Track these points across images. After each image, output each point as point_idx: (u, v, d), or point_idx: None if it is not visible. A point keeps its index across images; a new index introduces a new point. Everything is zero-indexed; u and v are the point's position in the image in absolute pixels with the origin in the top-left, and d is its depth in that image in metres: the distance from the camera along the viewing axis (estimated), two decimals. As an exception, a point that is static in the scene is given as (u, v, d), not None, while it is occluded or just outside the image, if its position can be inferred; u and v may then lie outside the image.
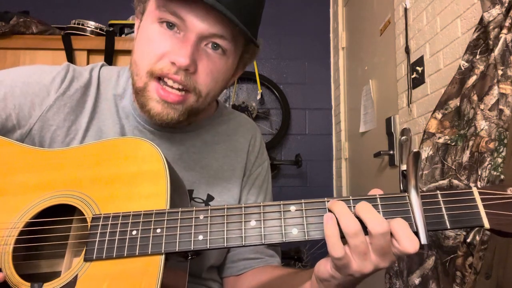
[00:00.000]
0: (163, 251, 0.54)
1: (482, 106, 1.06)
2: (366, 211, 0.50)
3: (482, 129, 1.04)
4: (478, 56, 1.13)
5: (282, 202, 0.55)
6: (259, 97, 2.93)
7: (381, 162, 2.10)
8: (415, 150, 0.49)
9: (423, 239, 0.49)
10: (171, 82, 0.65)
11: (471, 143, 1.08)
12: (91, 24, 1.77)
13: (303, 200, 0.54)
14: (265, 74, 3.01)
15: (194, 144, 0.80)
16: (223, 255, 0.81)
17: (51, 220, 0.60)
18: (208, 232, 0.54)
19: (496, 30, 1.07)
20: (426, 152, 1.24)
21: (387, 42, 2.03)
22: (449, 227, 0.50)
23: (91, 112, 0.75)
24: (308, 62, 3.06)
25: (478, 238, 0.98)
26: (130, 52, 0.72)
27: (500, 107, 1.03)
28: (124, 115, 0.77)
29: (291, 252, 2.57)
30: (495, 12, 1.07)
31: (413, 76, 1.70)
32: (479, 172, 1.02)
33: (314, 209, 0.53)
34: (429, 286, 1.17)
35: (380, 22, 2.14)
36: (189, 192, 0.76)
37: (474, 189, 0.51)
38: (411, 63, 1.73)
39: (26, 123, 0.71)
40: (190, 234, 0.54)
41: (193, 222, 0.55)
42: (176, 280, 0.60)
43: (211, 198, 0.78)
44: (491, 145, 1.02)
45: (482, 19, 1.11)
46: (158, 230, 0.55)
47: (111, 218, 0.57)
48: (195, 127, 0.81)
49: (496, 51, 1.05)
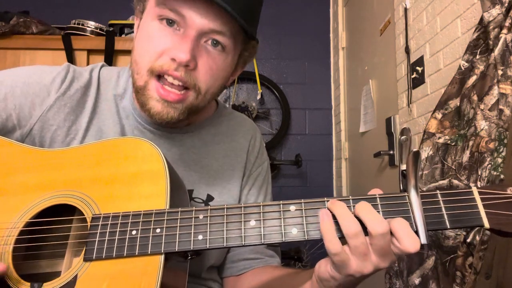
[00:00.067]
0: (162, 251, 0.54)
1: (482, 106, 1.06)
2: (366, 212, 0.50)
3: (482, 129, 1.04)
4: (478, 56, 1.13)
5: (281, 202, 0.55)
6: (259, 97, 2.93)
7: (381, 162, 2.10)
8: (415, 149, 0.49)
9: (423, 239, 0.49)
10: (171, 79, 0.65)
11: (471, 143, 1.08)
12: (91, 24, 1.77)
13: (302, 200, 0.54)
14: (265, 74, 3.01)
15: (194, 144, 0.80)
16: (223, 255, 0.81)
17: (51, 220, 0.60)
18: (208, 232, 0.54)
19: (496, 30, 1.07)
20: (426, 152, 1.24)
21: (387, 42, 2.03)
22: (449, 227, 0.50)
23: (91, 112, 0.75)
24: (308, 62, 3.06)
25: (478, 238, 0.98)
26: (130, 52, 0.72)
27: (500, 107, 1.03)
28: (125, 115, 0.77)
29: (291, 252, 2.57)
30: (495, 12, 1.07)
31: (413, 76, 1.70)
32: (479, 172, 1.02)
33: (313, 209, 0.53)
34: (429, 286, 1.17)
35: (380, 22, 2.14)
36: (189, 192, 0.76)
37: (474, 188, 0.51)
38: (411, 63, 1.73)
39: (27, 123, 0.71)
40: (189, 234, 0.54)
41: (192, 222, 0.55)
42: (176, 280, 0.60)
43: (211, 198, 0.78)
44: (491, 145, 1.01)
45: (482, 19, 1.11)
46: (158, 230, 0.55)
47: (110, 218, 0.57)
48: (195, 127, 0.81)
49: (496, 51, 1.05)
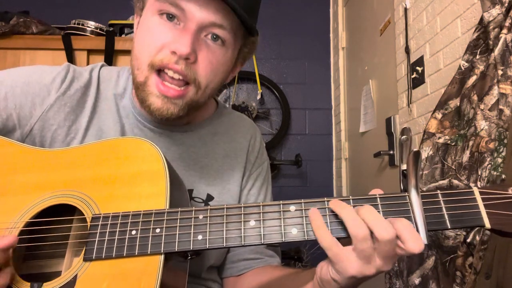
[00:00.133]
0: (162, 251, 0.53)
1: (482, 106, 1.06)
2: (373, 217, 0.49)
3: (482, 129, 1.04)
4: (478, 56, 1.13)
5: (281, 202, 0.55)
6: (259, 97, 2.93)
7: (381, 162, 2.10)
8: (415, 149, 0.49)
9: (423, 239, 0.48)
10: (171, 73, 0.65)
11: (471, 143, 1.08)
12: (91, 24, 1.77)
13: (302, 200, 0.54)
14: (265, 74, 3.01)
15: (194, 144, 0.80)
16: (223, 255, 0.81)
17: (51, 220, 0.60)
18: (208, 232, 0.54)
19: (496, 30, 1.07)
20: (426, 152, 1.24)
21: (387, 42, 2.03)
22: (449, 227, 0.50)
23: (91, 111, 0.75)
24: (308, 62, 3.05)
25: (478, 238, 0.98)
26: (130, 52, 0.72)
27: (500, 107, 1.03)
28: (125, 114, 0.77)
29: (291, 252, 2.57)
30: (495, 12, 1.07)
31: (413, 76, 1.70)
32: (479, 172, 1.02)
33: (314, 209, 0.53)
34: (429, 286, 1.17)
35: (380, 22, 2.14)
36: (189, 192, 0.76)
37: (475, 188, 0.51)
38: (411, 63, 1.73)
39: (27, 123, 0.71)
40: (189, 234, 0.54)
41: (192, 222, 0.55)
42: (176, 280, 0.60)
43: (211, 198, 0.78)
44: (491, 145, 1.01)
45: (482, 19, 1.11)
46: (158, 230, 0.55)
47: (110, 218, 0.57)
48: (195, 127, 0.81)
49: (496, 51, 1.05)
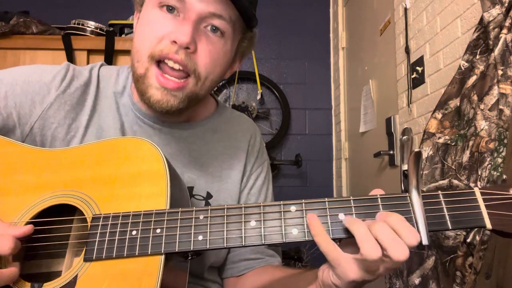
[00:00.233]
0: (162, 251, 0.53)
1: (482, 106, 1.06)
2: (387, 236, 0.47)
3: (482, 129, 1.04)
4: (478, 56, 1.13)
5: (282, 202, 0.55)
6: (259, 97, 2.93)
7: (381, 162, 2.10)
8: (416, 150, 0.49)
9: (424, 240, 0.48)
10: (171, 63, 0.66)
11: (471, 143, 1.08)
12: (91, 24, 1.76)
13: (303, 200, 0.54)
14: (265, 74, 3.01)
15: (194, 141, 0.80)
16: (223, 255, 0.81)
17: (51, 220, 0.59)
18: (208, 232, 0.54)
19: (496, 30, 1.06)
20: (426, 152, 1.24)
21: (387, 42, 2.03)
22: (450, 228, 0.50)
23: (91, 110, 0.75)
24: (308, 62, 3.05)
25: (478, 238, 0.98)
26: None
27: (500, 107, 1.02)
28: (124, 111, 0.77)
29: (291, 252, 2.57)
30: (495, 12, 1.07)
31: (413, 76, 1.70)
32: (479, 172, 1.02)
33: (314, 209, 0.53)
34: (429, 286, 1.17)
35: (380, 22, 2.14)
36: (189, 189, 0.76)
37: (476, 189, 0.51)
38: (411, 63, 1.73)
39: (27, 122, 0.71)
40: (190, 234, 0.54)
41: (193, 222, 0.55)
42: (176, 280, 0.60)
43: (210, 196, 0.78)
44: (491, 145, 1.01)
45: (482, 19, 1.11)
46: (158, 230, 0.55)
47: (111, 218, 0.57)
48: (195, 125, 0.81)
49: (496, 51, 1.05)
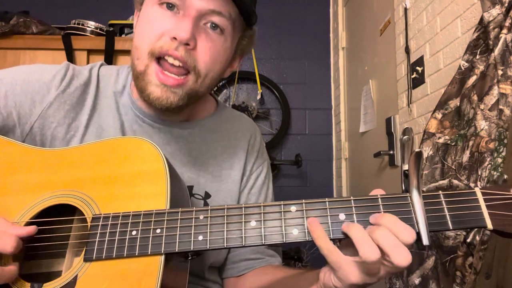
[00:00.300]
0: (162, 251, 0.53)
1: (482, 106, 1.06)
2: (388, 241, 0.47)
3: (482, 129, 1.04)
4: (478, 56, 1.13)
5: (282, 202, 0.54)
6: (259, 97, 2.93)
7: (381, 162, 2.10)
8: (417, 150, 0.49)
9: (425, 240, 0.48)
10: (171, 60, 0.66)
11: (471, 143, 1.08)
12: (91, 24, 1.76)
13: (303, 200, 0.54)
14: (265, 74, 3.01)
15: (193, 140, 0.80)
16: (223, 255, 0.81)
17: (51, 220, 0.59)
18: (208, 233, 0.54)
19: (496, 30, 1.06)
20: (426, 152, 1.24)
21: (387, 42, 2.03)
22: (451, 228, 0.50)
23: (91, 109, 0.75)
24: (308, 62, 3.05)
25: (478, 238, 0.98)
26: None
27: (500, 107, 1.02)
28: (124, 111, 0.77)
29: (291, 252, 2.56)
30: (495, 12, 1.07)
31: (413, 76, 1.70)
32: (479, 172, 1.02)
33: (314, 209, 0.53)
34: (429, 286, 1.17)
35: (380, 22, 2.14)
36: (189, 188, 0.76)
37: (477, 189, 0.51)
38: (411, 63, 1.73)
39: (27, 121, 0.71)
40: (190, 235, 0.54)
41: (193, 222, 0.55)
42: (176, 281, 0.60)
43: (208, 196, 0.78)
44: (491, 145, 1.01)
45: (482, 19, 1.11)
46: (158, 230, 0.54)
47: (111, 218, 0.56)
48: (195, 124, 0.81)
49: (496, 51, 1.05)
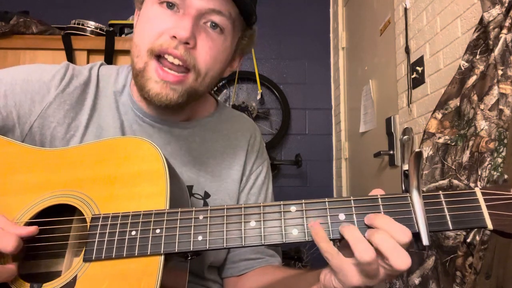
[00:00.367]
0: (162, 252, 0.53)
1: (482, 106, 1.06)
2: (387, 244, 0.46)
3: (482, 129, 1.04)
4: (478, 56, 1.13)
5: (282, 202, 0.54)
6: (259, 97, 2.93)
7: (381, 162, 2.10)
8: (417, 150, 0.49)
9: (425, 240, 0.48)
10: (171, 58, 0.66)
11: (471, 143, 1.08)
12: (91, 24, 1.76)
13: (303, 201, 0.54)
14: (265, 74, 3.01)
15: (193, 140, 0.80)
16: (223, 254, 0.81)
17: (51, 220, 0.59)
18: (208, 233, 0.54)
19: (496, 30, 1.06)
20: (426, 152, 1.24)
21: (387, 42, 2.03)
22: (451, 228, 0.49)
23: (91, 109, 0.75)
24: (308, 62, 3.05)
25: (478, 238, 0.98)
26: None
27: (500, 107, 1.02)
28: (124, 110, 0.77)
29: (291, 252, 2.56)
30: (495, 12, 1.07)
31: (413, 76, 1.70)
32: (479, 172, 1.02)
33: (314, 209, 0.53)
34: (429, 286, 1.17)
35: (380, 22, 2.14)
36: (188, 188, 0.76)
37: (477, 189, 0.51)
38: (411, 63, 1.73)
39: (27, 121, 0.71)
40: (189, 235, 0.54)
41: (192, 222, 0.55)
42: (176, 281, 0.60)
43: (208, 196, 0.78)
44: (491, 145, 1.01)
45: (482, 19, 1.11)
46: (158, 231, 0.54)
47: (110, 218, 0.56)
48: (195, 124, 0.81)
49: (496, 51, 1.04)
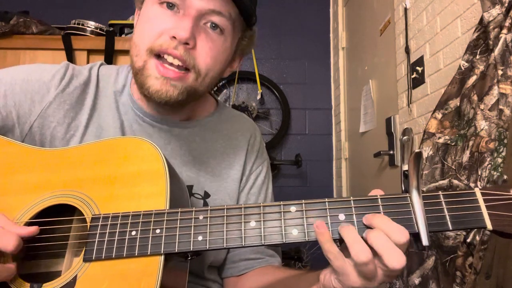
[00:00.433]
0: (162, 252, 0.53)
1: (482, 106, 1.06)
2: (384, 245, 0.47)
3: (482, 129, 1.04)
4: (478, 56, 1.13)
5: (282, 203, 0.54)
6: (259, 97, 2.93)
7: (381, 162, 2.10)
8: (417, 150, 0.49)
9: (424, 241, 0.48)
10: (170, 59, 0.66)
11: (471, 143, 1.08)
12: (91, 24, 1.76)
13: (303, 201, 0.54)
14: (265, 74, 3.01)
15: (193, 140, 0.80)
16: (223, 253, 0.81)
17: (51, 220, 0.59)
18: (208, 233, 0.54)
19: (496, 30, 1.06)
20: (426, 152, 1.24)
21: (387, 42, 2.03)
22: (451, 228, 0.50)
23: (90, 109, 0.75)
24: (308, 62, 3.05)
25: (478, 238, 0.98)
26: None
27: (500, 107, 1.02)
28: (124, 110, 0.77)
29: (291, 252, 2.56)
30: (495, 12, 1.07)
31: (413, 76, 1.70)
32: (479, 172, 1.02)
33: (314, 209, 0.53)
34: (429, 286, 1.17)
35: (380, 22, 2.14)
36: (188, 188, 0.76)
37: (477, 189, 0.51)
38: (411, 63, 1.73)
39: (26, 120, 0.71)
40: (189, 235, 0.54)
41: (192, 222, 0.55)
42: (176, 281, 0.60)
43: (208, 195, 0.78)
44: (491, 145, 1.01)
45: (482, 19, 1.11)
46: (158, 231, 0.54)
47: (110, 219, 0.56)
48: (195, 124, 0.81)
49: (496, 51, 1.05)
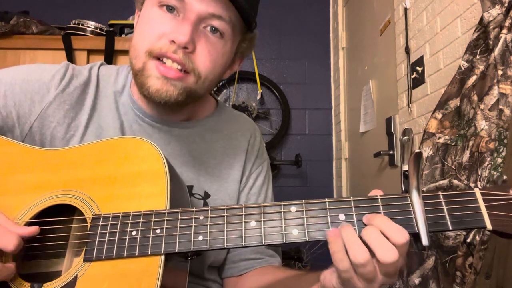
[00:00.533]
0: (162, 252, 0.53)
1: (482, 106, 1.06)
2: (375, 239, 0.48)
3: (482, 129, 1.04)
4: (478, 56, 1.13)
5: (282, 203, 0.54)
6: (259, 97, 2.93)
7: (381, 162, 2.10)
8: (417, 150, 0.49)
9: (424, 241, 0.48)
10: (170, 62, 0.66)
11: (471, 143, 1.08)
12: (91, 24, 1.76)
13: (303, 201, 0.54)
14: (265, 74, 3.01)
15: (193, 140, 0.80)
16: (223, 253, 0.81)
17: (51, 220, 0.59)
18: (208, 233, 0.54)
19: (496, 30, 1.06)
20: (426, 152, 1.24)
21: (387, 42, 2.03)
22: (451, 228, 0.50)
23: (90, 109, 0.75)
24: (308, 62, 3.05)
25: (478, 238, 0.98)
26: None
27: (500, 107, 1.02)
28: (124, 111, 0.77)
29: (291, 252, 2.56)
30: (495, 12, 1.07)
31: (413, 76, 1.70)
32: (479, 172, 1.02)
33: (314, 209, 0.53)
34: (429, 286, 1.17)
35: (380, 22, 2.14)
36: (189, 188, 0.76)
37: (476, 190, 0.51)
38: (411, 63, 1.73)
39: (26, 121, 0.71)
40: (190, 235, 0.54)
41: (193, 222, 0.55)
42: (176, 280, 0.60)
43: (208, 196, 0.78)
44: (491, 145, 1.01)
45: (482, 19, 1.11)
46: (158, 231, 0.54)
47: (111, 218, 0.57)
48: (195, 124, 0.81)
49: (496, 51, 1.05)
